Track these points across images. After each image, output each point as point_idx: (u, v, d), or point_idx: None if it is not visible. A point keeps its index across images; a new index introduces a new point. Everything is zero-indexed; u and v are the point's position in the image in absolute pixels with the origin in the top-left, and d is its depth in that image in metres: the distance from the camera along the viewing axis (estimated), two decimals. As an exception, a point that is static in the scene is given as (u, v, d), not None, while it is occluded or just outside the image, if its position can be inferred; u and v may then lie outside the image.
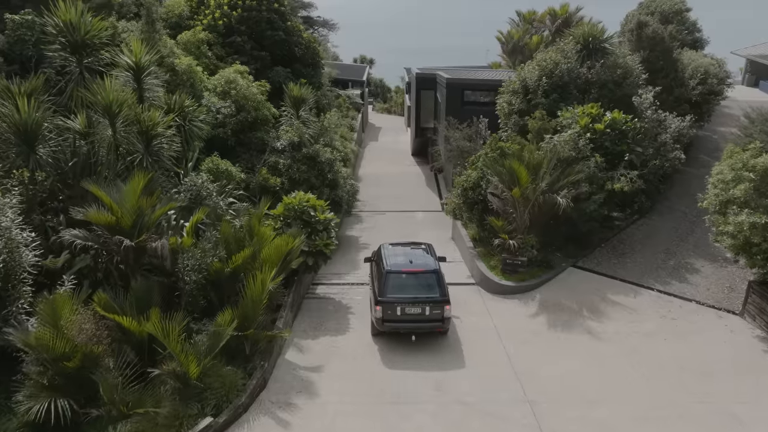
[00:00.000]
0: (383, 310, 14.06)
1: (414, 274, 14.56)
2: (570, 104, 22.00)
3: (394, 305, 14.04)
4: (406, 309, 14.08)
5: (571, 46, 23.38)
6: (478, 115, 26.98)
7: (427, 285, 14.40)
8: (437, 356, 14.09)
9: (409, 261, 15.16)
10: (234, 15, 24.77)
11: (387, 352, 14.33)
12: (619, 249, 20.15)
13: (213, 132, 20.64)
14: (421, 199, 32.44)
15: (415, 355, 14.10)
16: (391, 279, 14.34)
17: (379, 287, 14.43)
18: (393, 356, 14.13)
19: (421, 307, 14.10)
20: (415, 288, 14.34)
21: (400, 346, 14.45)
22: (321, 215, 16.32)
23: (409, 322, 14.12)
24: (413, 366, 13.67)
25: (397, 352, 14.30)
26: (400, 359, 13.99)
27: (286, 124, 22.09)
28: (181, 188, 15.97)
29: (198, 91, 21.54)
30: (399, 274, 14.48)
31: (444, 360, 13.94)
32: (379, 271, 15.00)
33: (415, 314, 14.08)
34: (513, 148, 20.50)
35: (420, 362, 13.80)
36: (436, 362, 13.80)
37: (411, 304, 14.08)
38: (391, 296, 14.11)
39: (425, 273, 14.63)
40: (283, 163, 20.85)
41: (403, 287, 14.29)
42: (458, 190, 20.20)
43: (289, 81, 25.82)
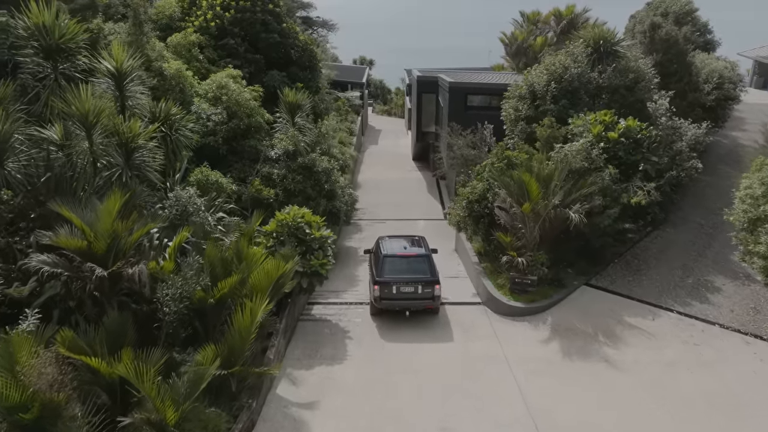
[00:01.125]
0: (380, 289, 15.89)
1: (407, 258, 16.58)
2: (580, 111, 20.86)
3: (390, 285, 15.87)
4: (401, 288, 15.91)
5: (581, 50, 22.22)
6: (483, 121, 25.85)
7: (419, 267, 16.33)
8: (449, 398, 12.87)
9: (404, 247, 17.20)
10: (227, 16, 23.62)
11: (389, 385, 13.21)
12: (634, 265, 18.99)
13: (203, 140, 19.49)
14: (423, 207, 31.37)
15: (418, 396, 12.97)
16: (387, 262, 16.28)
17: (377, 269, 16.33)
18: (393, 394, 13.00)
19: (413, 286, 15.95)
20: (409, 270, 16.21)
21: (399, 369, 13.34)
22: (316, 232, 15.17)
23: (403, 300, 15.93)
24: (416, 404, 12.53)
25: (397, 387, 13.17)
26: (400, 396, 12.86)
27: (280, 132, 20.95)
28: (166, 203, 14.81)
29: (188, 96, 20.40)
30: (394, 257, 16.46)
31: (454, 401, 12.72)
32: (377, 257, 16.95)
33: (409, 293, 15.93)
34: (521, 157, 19.37)
35: (428, 403, 12.64)
36: (446, 407, 12.54)
37: (405, 284, 15.93)
38: (388, 277, 15.98)
39: (417, 257, 16.66)
40: (277, 173, 19.70)
41: (398, 269, 16.15)
42: (463, 203, 19.04)
43: (284, 85, 24.70)
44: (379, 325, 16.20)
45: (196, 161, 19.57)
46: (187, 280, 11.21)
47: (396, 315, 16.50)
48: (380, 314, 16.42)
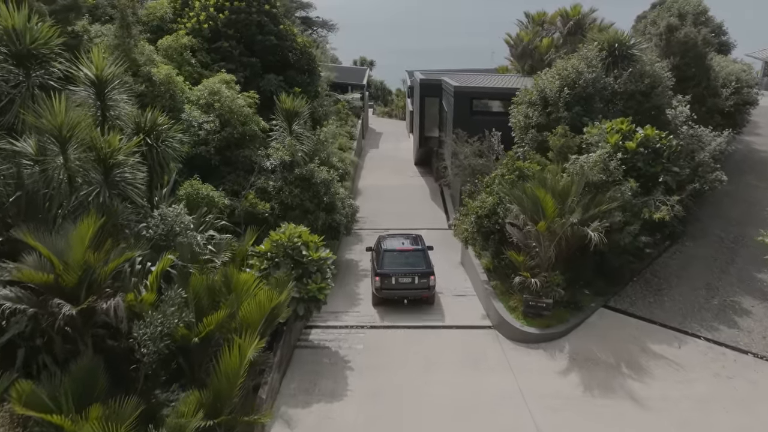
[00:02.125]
0: (381, 280, 17.42)
1: (405, 252, 18.28)
2: (595, 118, 19.64)
3: (390, 276, 17.42)
4: (399, 279, 17.42)
5: (595, 53, 20.99)
6: (489, 127, 24.62)
7: (415, 261, 17.94)
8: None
9: (402, 243, 18.89)
10: (221, 18, 22.39)
11: (394, 426, 11.99)
12: (654, 284, 17.77)
13: (194, 150, 18.28)
14: (427, 216, 30.21)
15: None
16: (387, 256, 17.95)
17: (378, 263, 17.90)
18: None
19: (411, 277, 17.49)
20: (407, 263, 17.82)
21: (405, 406, 12.12)
22: (314, 254, 13.95)
23: (401, 290, 17.46)
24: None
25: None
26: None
27: (277, 141, 19.72)
28: (151, 223, 13.59)
29: (178, 103, 19.19)
30: (393, 252, 18.17)
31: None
32: (378, 252, 18.50)
33: (407, 283, 17.45)
34: (533, 168, 18.17)
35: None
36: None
37: (403, 275, 17.45)
38: (388, 269, 17.55)
39: (414, 251, 18.37)
40: (273, 185, 18.48)
41: (397, 262, 17.74)
42: (471, 217, 17.82)
43: (281, 90, 23.49)
44: (383, 353, 14.99)
45: (187, 172, 18.38)
46: (167, 316, 9.98)
47: (401, 341, 15.38)
48: (382, 304, 17.85)
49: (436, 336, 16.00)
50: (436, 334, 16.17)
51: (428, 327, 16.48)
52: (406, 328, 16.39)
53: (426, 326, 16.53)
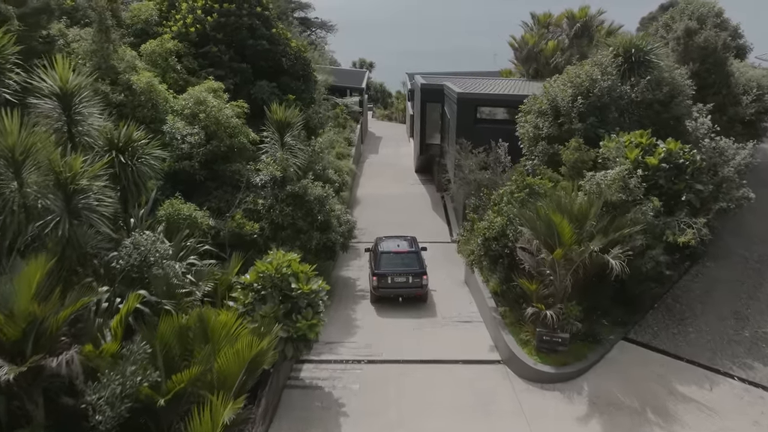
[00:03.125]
0: (378, 280, 18.56)
1: (400, 254, 19.31)
2: (611, 130, 18.20)
3: (386, 276, 18.57)
4: (395, 278, 18.55)
5: (610, 59, 19.54)
6: (495, 136, 23.18)
7: (410, 261, 19.03)
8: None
9: (397, 245, 19.89)
10: (209, 21, 20.93)
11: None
12: (676, 311, 16.34)
13: (177, 165, 16.84)
14: (428, 227, 28.77)
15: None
16: (383, 257, 19.05)
17: (375, 264, 19.02)
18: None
19: (405, 277, 18.61)
20: (401, 263, 18.90)
21: None
22: (305, 287, 12.48)
23: (396, 288, 18.58)
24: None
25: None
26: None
27: (268, 154, 18.27)
28: (122, 252, 12.13)
29: (161, 114, 17.75)
30: (389, 253, 19.25)
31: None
32: (375, 254, 19.59)
33: (401, 282, 18.59)
34: (545, 186, 16.73)
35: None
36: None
37: (398, 275, 18.60)
38: (384, 269, 18.69)
39: (409, 253, 19.43)
40: (262, 203, 17.03)
41: (392, 263, 18.85)
42: (478, 240, 16.36)
43: (274, 97, 22.03)
44: (382, 395, 13.53)
45: (170, 189, 16.95)
46: (127, 376, 8.53)
47: (402, 379, 13.97)
48: (379, 301, 18.85)
49: (440, 372, 14.55)
50: (441, 370, 14.70)
51: (432, 362, 15.01)
52: (408, 363, 14.94)
53: (430, 360, 15.07)
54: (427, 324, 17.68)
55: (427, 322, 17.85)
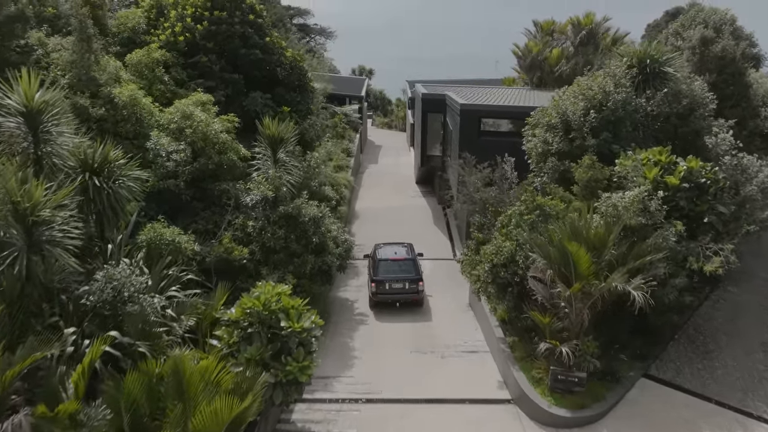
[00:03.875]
0: (376, 286, 19.18)
1: (397, 261, 19.94)
2: (626, 146, 17.04)
3: (384, 282, 19.23)
4: (392, 285, 19.22)
5: (623, 70, 18.39)
6: (500, 149, 22.01)
7: (406, 268, 19.69)
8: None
9: (395, 252, 20.56)
10: (199, 29, 19.82)
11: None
12: (699, 343, 15.14)
13: (161, 184, 15.67)
14: (429, 243, 27.59)
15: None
16: (381, 265, 19.69)
17: (374, 270, 19.70)
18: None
19: (402, 283, 19.28)
20: (399, 270, 19.58)
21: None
22: (296, 324, 11.27)
23: (394, 294, 19.26)
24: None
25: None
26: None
27: (259, 172, 17.11)
28: (93, 286, 10.95)
29: (145, 129, 16.61)
30: (387, 261, 19.87)
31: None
32: (374, 261, 20.19)
33: (398, 288, 19.27)
34: (557, 207, 15.55)
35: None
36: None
37: (395, 281, 19.27)
38: (382, 276, 19.35)
39: (406, 260, 20.08)
40: (253, 225, 15.85)
41: (390, 270, 19.51)
42: (486, 266, 15.16)
43: (268, 109, 20.92)
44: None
45: (155, 209, 15.83)
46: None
47: (403, 422, 12.74)
48: (377, 306, 19.45)
49: (445, 413, 13.32)
50: (446, 410, 13.46)
51: (437, 401, 13.78)
52: (410, 403, 13.71)
53: (434, 400, 13.83)
54: (431, 354, 16.49)
55: (430, 351, 16.65)
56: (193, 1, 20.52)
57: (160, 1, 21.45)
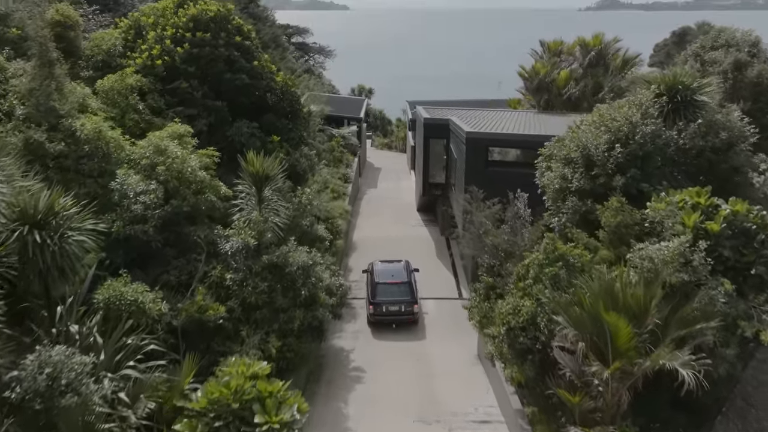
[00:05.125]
0: (374, 309, 20.10)
1: (394, 285, 20.46)
2: (656, 184, 15.07)
3: (381, 305, 20.04)
4: (389, 307, 20.02)
5: (649, 98, 16.48)
6: (510, 181, 20.12)
7: (403, 291, 20.38)
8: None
9: (391, 275, 20.92)
10: (179, 52, 17.97)
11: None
12: (752, 418, 12.87)
13: (128, 230, 13.64)
14: (432, 280, 25.68)
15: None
16: (379, 288, 20.37)
17: (372, 293, 20.40)
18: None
19: (398, 306, 20.07)
20: (395, 293, 20.28)
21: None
22: (273, 418, 9.15)
23: (390, 315, 20.05)
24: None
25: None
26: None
27: (241, 215, 15.08)
28: (22, 375, 8.86)
29: (113, 165, 14.63)
30: (385, 284, 20.43)
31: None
32: (372, 281, 20.80)
33: (395, 310, 20.04)
34: (582, 258, 13.50)
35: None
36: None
37: (392, 304, 20.05)
38: (379, 299, 20.12)
39: (402, 284, 20.58)
40: (232, 278, 13.78)
41: (387, 292, 20.24)
42: (501, 329, 13.07)
43: (255, 140, 18.99)
44: None
45: (122, 257, 13.82)
46: None
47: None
48: (375, 325, 20.31)
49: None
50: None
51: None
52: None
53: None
54: (436, 424, 14.41)
55: (435, 420, 14.57)
56: (174, 22, 18.70)
57: (138, 22, 19.63)
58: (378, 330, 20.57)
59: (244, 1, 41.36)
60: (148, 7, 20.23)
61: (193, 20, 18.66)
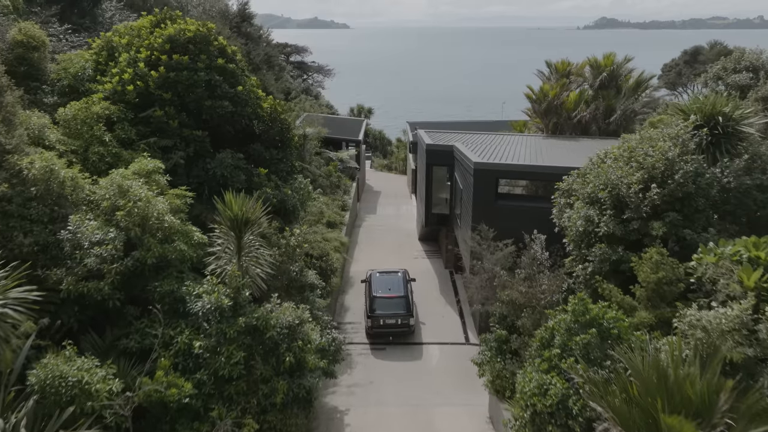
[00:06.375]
0: (371, 322, 21.18)
1: (391, 299, 21.56)
2: (701, 230, 12.98)
3: (378, 318, 21.15)
4: (386, 320, 21.12)
5: (688, 131, 14.44)
6: (522, 217, 18.17)
7: (399, 304, 21.39)
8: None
9: (389, 289, 22.01)
10: (154, 76, 16.00)
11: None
12: None
13: (80, 287, 11.49)
14: (436, 321, 23.64)
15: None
16: (376, 301, 21.50)
17: (369, 306, 21.50)
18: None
19: (395, 319, 21.12)
20: (392, 306, 21.36)
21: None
22: None
23: (387, 328, 21.12)
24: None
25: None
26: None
27: (217, 268, 12.92)
28: None
29: (68, 208, 12.54)
30: (382, 298, 21.57)
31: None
32: (369, 293, 22.00)
33: (391, 323, 21.11)
34: (618, 323, 11.32)
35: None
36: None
37: (389, 317, 21.13)
38: (377, 312, 21.23)
39: (398, 297, 21.63)
40: (202, 345, 11.58)
41: (384, 306, 21.36)
42: (525, 412, 10.85)
43: (239, 173, 16.91)
44: None
45: (76, 316, 11.71)
46: None
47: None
48: (373, 337, 21.10)
49: None
50: None
51: None
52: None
53: None
54: None
55: None
56: (149, 42, 16.74)
57: (111, 42, 17.69)
58: (380, 384, 18.39)
59: (236, 21, 39.62)
60: (123, 26, 18.30)
61: (170, 41, 16.71)
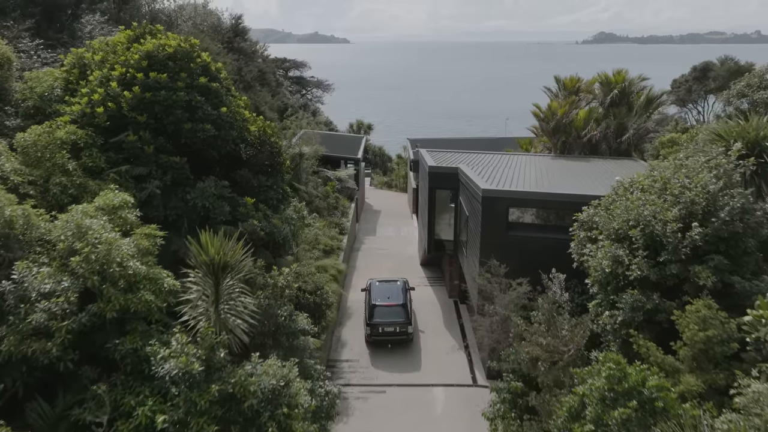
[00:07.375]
0: (371, 329, 21.78)
1: (390, 307, 22.02)
2: (747, 275, 11.21)
3: (377, 326, 21.72)
4: (385, 328, 21.69)
5: (731, 161, 12.69)
6: (536, 250, 16.44)
7: (398, 313, 21.92)
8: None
9: (388, 297, 22.49)
10: (127, 97, 14.32)
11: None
12: None
13: (23, 347, 9.68)
14: (440, 357, 22.11)
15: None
16: (376, 309, 21.98)
17: (369, 314, 21.98)
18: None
19: (394, 327, 21.68)
20: (391, 314, 21.85)
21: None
22: None
23: (386, 336, 21.69)
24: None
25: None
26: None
27: (192, 313, 11.12)
28: None
29: (15, 252, 10.76)
30: (381, 306, 22.02)
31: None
32: (369, 301, 22.50)
33: (390, 331, 21.67)
34: (663, 393, 9.49)
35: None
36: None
37: (388, 325, 21.68)
38: (376, 320, 21.78)
39: (397, 306, 22.11)
40: (166, 419, 9.72)
41: (383, 314, 21.87)
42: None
43: (222, 203, 15.16)
44: None
45: (20, 381, 9.85)
46: None
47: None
48: (373, 344, 21.96)
49: None
50: None
51: None
52: None
53: None
54: None
55: None
56: (124, 59, 15.08)
57: (83, 59, 16.03)
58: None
59: (229, 36, 38.11)
60: (98, 41, 16.66)
61: (147, 57, 15.05)
